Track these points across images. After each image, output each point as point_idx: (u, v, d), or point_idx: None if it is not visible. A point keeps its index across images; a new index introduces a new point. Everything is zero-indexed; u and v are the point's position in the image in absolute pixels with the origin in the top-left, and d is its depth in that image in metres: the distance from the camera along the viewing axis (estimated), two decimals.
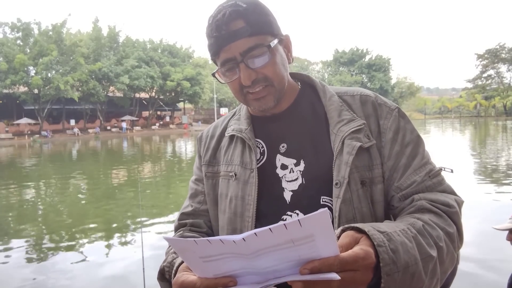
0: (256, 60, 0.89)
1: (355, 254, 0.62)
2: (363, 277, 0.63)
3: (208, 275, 0.66)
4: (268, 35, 0.91)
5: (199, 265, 0.66)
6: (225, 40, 0.88)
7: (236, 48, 0.88)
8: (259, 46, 0.88)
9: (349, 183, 0.88)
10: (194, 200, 1.10)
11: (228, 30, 0.87)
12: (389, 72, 79.63)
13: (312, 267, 0.59)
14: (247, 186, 0.96)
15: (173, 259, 0.91)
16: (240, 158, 1.00)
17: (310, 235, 0.57)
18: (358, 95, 0.99)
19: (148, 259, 3.58)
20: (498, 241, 5.26)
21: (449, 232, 0.80)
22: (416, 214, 0.82)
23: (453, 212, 0.84)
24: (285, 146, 0.98)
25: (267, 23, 0.91)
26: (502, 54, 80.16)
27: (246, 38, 0.87)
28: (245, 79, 0.89)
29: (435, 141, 24.93)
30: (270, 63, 0.90)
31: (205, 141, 1.12)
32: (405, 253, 0.69)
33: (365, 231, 0.69)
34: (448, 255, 0.79)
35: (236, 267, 0.63)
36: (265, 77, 0.91)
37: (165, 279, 0.93)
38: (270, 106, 0.94)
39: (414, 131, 0.96)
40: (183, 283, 0.72)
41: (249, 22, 0.88)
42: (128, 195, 10.74)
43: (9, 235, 7.09)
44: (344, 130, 0.92)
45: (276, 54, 0.92)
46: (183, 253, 0.65)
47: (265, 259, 0.60)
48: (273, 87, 0.92)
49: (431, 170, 0.91)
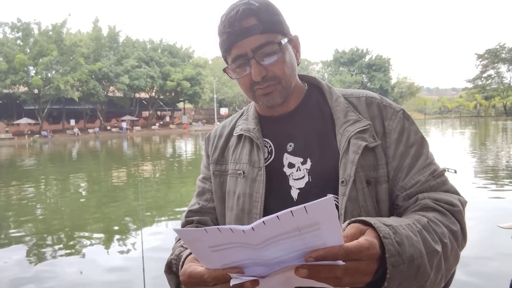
0: (266, 58, 0.92)
1: (360, 244, 0.63)
2: (367, 267, 0.64)
3: (216, 266, 0.67)
4: (279, 33, 0.94)
5: (208, 255, 0.66)
6: (238, 36, 0.91)
7: (248, 44, 0.91)
8: (270, 44, 0.91)
9: (354, 181, 0.90)
10: (201, 198, 1.12)
11: (241, 26, 0.90)
12: (389, 72, 79.65)
13: (317, 255, 0.60)
14: (255, 184, 0.98)
15: (181, 252, 0.92)
16: (248, 157, 1.02)
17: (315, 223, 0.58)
18: (363, 97, 1.01)
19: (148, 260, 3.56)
20: (501, 240, 5.26)
21: (453, 230, 0.81)
22: (420, 212, 0.84)
23: (457, 211, 0.85)
24: (292, 145, 1.00)
25: (278, 23, 0.94)
26: (502, 54, 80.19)
27: (258, 35, 0.90)
28: (255, 75, 0.92)
29: (436, 141, 24.93)
30: (279, 61, 0.93)
31: (213, 140, 1.14)
32: (411, 246, 0.70)
33: (371, 223, 0.70)
34: (452, 252, 0.80)
35: (243, 258, 0.64)
36: (275, 75, 0.93)
37: (172, 272, 0.94)
38: (277, 102, 0.96)
39: (419, 132, 0.98)
40: (191, 274, 0.72)
41: (261, 20, 0.91)
42: (128, 193, 10.73)
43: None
44: (350, 130, 0.94)
45: (286, 52, 0.94)
46: (192, 244, 0.66)
47: (272, 249, 0.61)
48: (280, 85, 0.95)
49: (435, 171, 0.92)
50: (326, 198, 0.57)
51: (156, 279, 4.12)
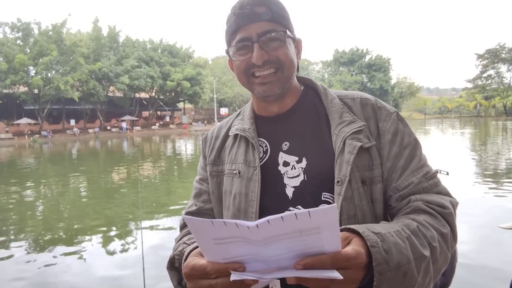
0: (272, 43, 0.94)
1: (347, 253, 0.66)
2: (354, 276, 0.67)
3: (218, 259, 0.69)
4: (285, 27, 0.96)
5: (210, 247, 0.68)
6: (246, 19, 0.93)
7: (254, 28, 0.93)
8: (276, 31, 0.93)
9: (350, 181, 0.91)
10: (199, 199, 1.13)
11: (251, 10, 0.93)
12: (389, 72, 79.64)
13: (305, 263, 0.63)
14: (251, 183, 0.99)
15: (183, 248, 0.93)
16: (243, 157, 1.03)
17: (317, 227, 0.61)
18: (358, 98, 1.03)
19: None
20: (501, 240, 5.26)
21: (443, 232, 0.84)
22: (411, 215, 0.86)
23: (448, 213, 0.87)
24: (288, 144, 1.01)
25: (286, 18, 0.97)
26: (502, 54, 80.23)
27: (266, 22, 0.93)
28: (257, 59, 0.93)
29: (436, 141, 24.93)
30: (284, 47, 0.95)
31: (210, 141, 1.15)
32: (398, 253, 0.73)
33: (359, 232, 0.73)
34: (441, 255, 0.82)
35: (244, 253, 0.66)
36: (277, 59, 0.94)
37: (174, 268, 0.96)
38: (275, 92, 0.96)
39: (412, 134, 0.99)
40: (194, 266, 0.74)
41: (271, 9, 0.94)
42: (128, 193, 10.73)
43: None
44: (345, 131, 0.95)
45: (289, 46, 0.97)
46: (198, 234, 0.68)
47: (272, 247, 0.64)
48: (283, 73, 0.96)
49: (428, 172, 0.94)
50: (331, 206, 0.60)
51: (156, 278, 4.11)
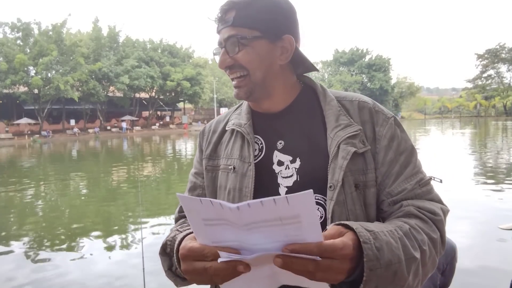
0: (233, 48, 0.96)
1: (334, 243, 0.68)
2: (340, 266, 0.68)
3: (208, 242, 0.72)
4: (255, 30, 0.95)
5: (201, 228, 0.71)
6: (220, 24, 0.99)
7: (223, 33, 0.97)
8: (236, 36, 0.95)
9: (343, 185, 0.91)
10: (193, 193, 1.14)
11: (222, 15, 0.98)
12: (389, 72, 79.47)
13: (292, 248, 0.65)
14: (245, 179, 1.00)
15: (175, 235, 0.94)
16: (239, 152, 1.03)
17: (296, 215, 0.63)
18: (356, 101, 1.03)
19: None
20: (501, 241, 5.26)
21: (432, 237, 0.85)
22: (403, 218, 0.88)
23: (438, 219, 0.89)
24: (282, 143, 1.01)
25: (259, 20, 0.95)
26: (502, 54, 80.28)
27: (230, 27, 0.95)
28: (220, 63, 0.99)
29: (436, 141, 24.93)
30: (244, 53, 0.96)
31: (207, 135, 1.15)
32: (389, 252, 0.75)
33: (353, 228, 0.74)
34: (430, 259, 0.84)
35: (231, 238, 0.68)
36: (239, 64, 0.97)
37: (166, 254, 0.97)
38: (242, 97, 1.01)
39: (408, 140, 1.00)
40: (192, 248, 0.75)
41: (239, 14, 0.95)
42: (129, 192, 10.73)
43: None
44: (340, 135, 0.95)
45: (256, 47, 0.96)
46: (190, 213, 0.70)
47: (255, 234, 0.66)
48: (250, 78, 0.98)
49: (422, 179, 0.95)
50: (307, 191, 0.61)
51: (156, 277, 4.11)
